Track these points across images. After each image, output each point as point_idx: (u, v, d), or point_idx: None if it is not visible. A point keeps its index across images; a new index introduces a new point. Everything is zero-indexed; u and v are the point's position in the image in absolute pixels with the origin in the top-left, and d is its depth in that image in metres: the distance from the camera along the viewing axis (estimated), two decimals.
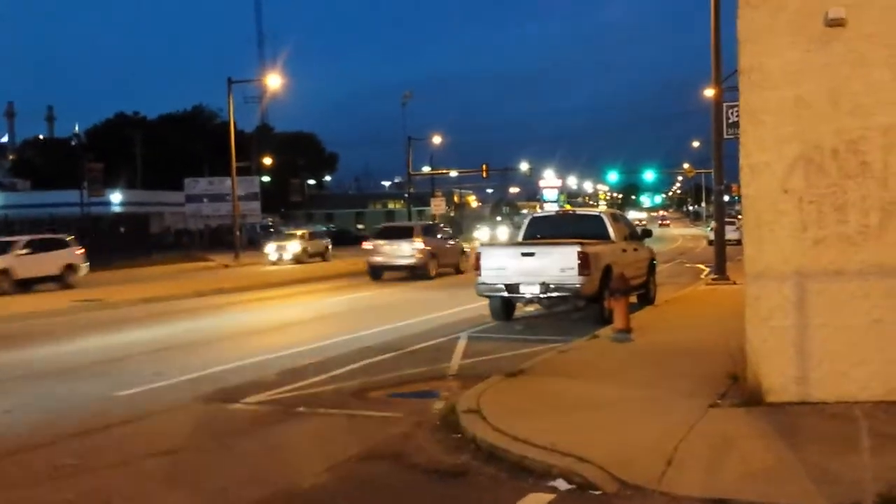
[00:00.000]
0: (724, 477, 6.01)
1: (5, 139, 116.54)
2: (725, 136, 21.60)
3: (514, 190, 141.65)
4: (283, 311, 20.32)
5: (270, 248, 43.27)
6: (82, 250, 29.68)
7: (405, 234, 29.61)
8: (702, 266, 31.79)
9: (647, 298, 18.23)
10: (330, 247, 46.00)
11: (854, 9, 7.57)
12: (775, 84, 7.75)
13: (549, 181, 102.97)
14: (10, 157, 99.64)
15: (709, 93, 25.87)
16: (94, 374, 11.85)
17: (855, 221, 7.59)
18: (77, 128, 69.46)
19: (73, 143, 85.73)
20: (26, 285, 26.87)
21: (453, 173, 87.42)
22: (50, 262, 27.84)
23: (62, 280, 28.00)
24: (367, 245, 30.29)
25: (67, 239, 29.96)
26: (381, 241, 29.49)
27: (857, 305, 7.59)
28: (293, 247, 42.48)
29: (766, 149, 7.77)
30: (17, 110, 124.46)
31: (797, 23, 7.70)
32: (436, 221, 53.70)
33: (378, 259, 29.26)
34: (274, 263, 41.22)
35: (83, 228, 43.68)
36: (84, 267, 29.30)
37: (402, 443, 7.71)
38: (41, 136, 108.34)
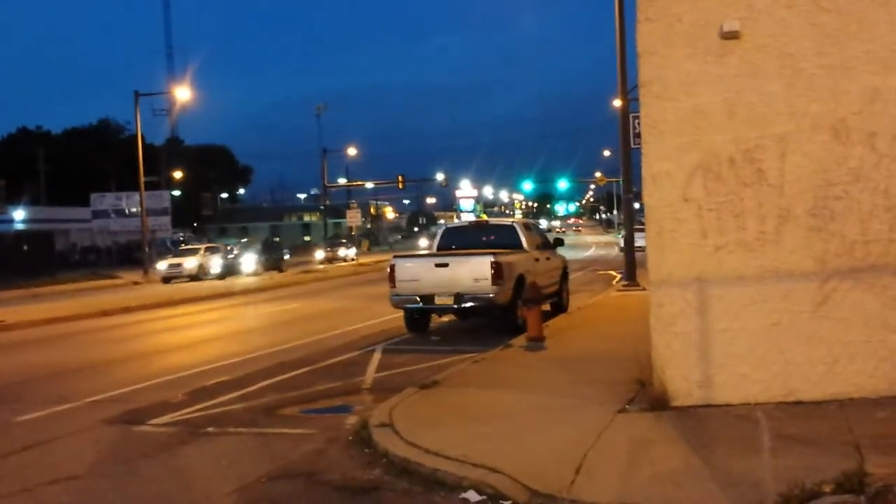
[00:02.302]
0: (631, 482, 6.10)
1: None
2: (633, 146, 22.06)
3: (430, 200, 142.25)
4: (195, 329, 19.88)
5: (162, 266, 40.56)
6: None
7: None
8: (613, 273, 32.40)
9: (560, 306, 18.46)
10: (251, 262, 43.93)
11: (748, 21, 7.82)
12: (674, 95, 7.94)
13: (466, 191, 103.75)
14: None
15: (617, 103, 26.43)
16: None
17: (753, 228, 7.82)
18: None
19: None
20: None
21: (369, 185, 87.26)
22: None
23: None
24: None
25: None
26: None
27: (756, 309, 7.82)
28: (190, 263, 40.31)
29: (667, 158, 7.95)
30: None
31: (693, 35, 7.91)
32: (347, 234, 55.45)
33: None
34: (166, 282, 39.05)
35: None
36: None
37: (315, 460, 7.61)
38: None
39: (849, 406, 7.51)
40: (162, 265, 40.87)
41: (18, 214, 64.68)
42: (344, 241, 63.76)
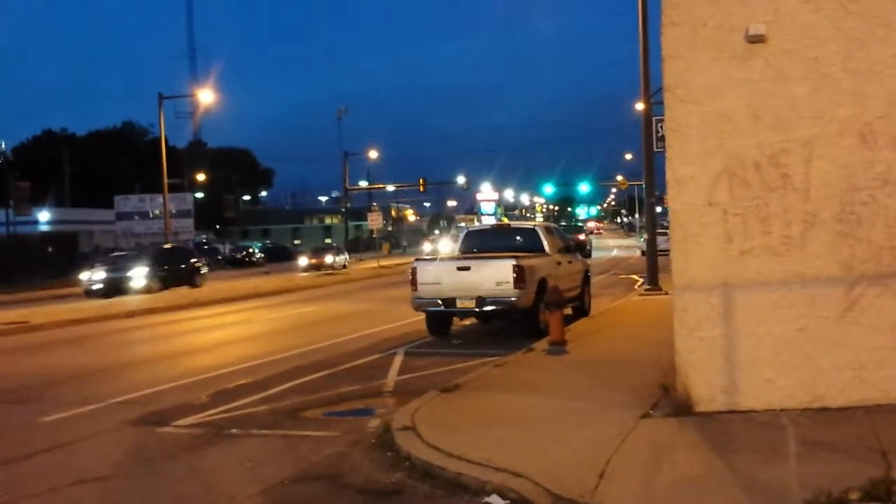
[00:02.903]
0: (654, 488, 6.07)
1: None
2: (655, 150, 21.98)
3: (451, 203, 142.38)
4: (218, 330, 19.99)
5: (85, 277, 33.43)
6: None
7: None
8: (635, 277, 32.26)
9: (581, 310, 18.41)
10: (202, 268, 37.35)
11: (774, 25, 7.77)
12: (698, 99, 7.90)
13: (486, 194, 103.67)
14: None
15: (639, 106, 26.34)
16: (18, 400, 11.48)
17: (778, 233, 7.77)
18: (3, 146, 67.70)
19: None
20: None
21: (390, 188, 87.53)
22: None
23: None
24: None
25: None
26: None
27: (781, 314, 7.76)
28: (140, 274, 32.64)
29: (691, 163, 7.92)
30: None
31: (718, 39, 7.87)
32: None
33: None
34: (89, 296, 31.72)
35: (5, 248, 42.44)
36: None
37: (337, 463, 7.64)
38: None
39: (876, 412, 7.45)
40: (85, 276, 33.89)
41: (43, 216, 65.42)
42: (334, 246, 58.97)
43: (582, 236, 52.86)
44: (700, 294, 7.87)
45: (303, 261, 51.80)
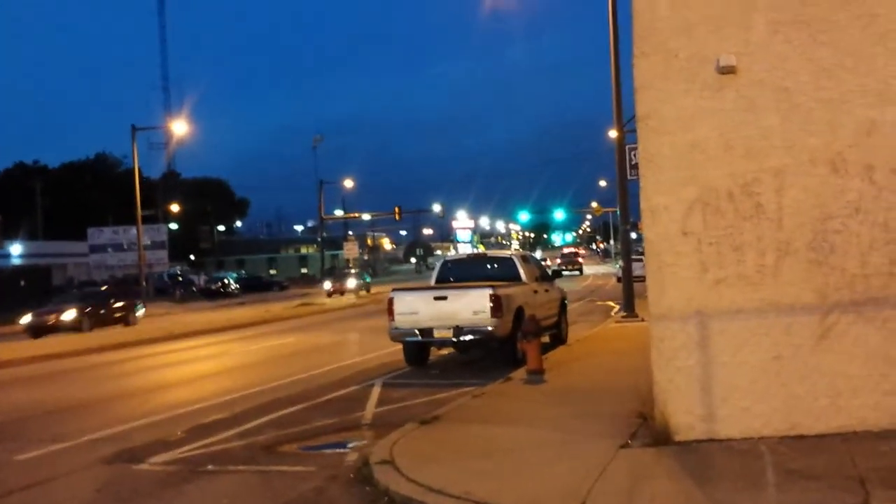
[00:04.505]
0: None
1: None
2: (629, 177, 22.13)
3: (427, 231, 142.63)
4: (192, 364, 19.78)
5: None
6: None
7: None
8: (612, 303, 32.37)
9: (559, 338, 18.41)
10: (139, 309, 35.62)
11: (744, 56, 7.87)
12: (671, 129, 7.98)
13: (462, 222, 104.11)
14: None
15: (613, 134, 26.57)
16: None
17: (752, 261, 7.83)
18: None
19: None
20: None
21: (366, 216, 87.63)
22: None
23: None
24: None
25: None
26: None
27: (757, 343, 7.80)
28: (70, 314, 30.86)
29: (665, 192, 7.98)
30: None
31: (690, 70, 7.97)
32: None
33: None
34: None
35: None
36: None
37: (315, 499, 7.56)
38: None
39: (852, 440, 7.48)
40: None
41: (16, 249, 64.74)
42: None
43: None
44: (676, 323, 7.90)
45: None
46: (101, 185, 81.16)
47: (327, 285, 54.40)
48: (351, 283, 53.22)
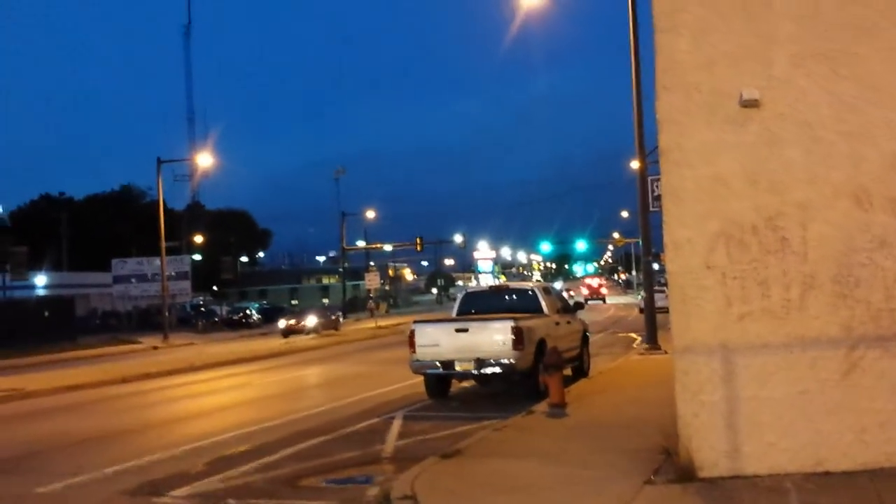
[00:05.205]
0: None
1: None
2: (651, 209, 22.09)
3: (449, 262, 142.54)
4: (214, 395, 19.82)
5: None
6: None
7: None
8: (634, 335, 32.15)
9: (581, 371, 18.30)
10: None
11: (767, 90, 7.87)
12: (693, 163, 7.96)
13: (484, 253, 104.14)
14: None
15: (635, 165, 26.55)
16: (10, 471, 11.30)
17: (777, 296, 7.76)
18: (0, 210, 68.22)
19: None
20: None
21: (388, 247, 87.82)
22: None
23: None
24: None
25: None
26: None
27: (783, 377, 7.72)
28: None
29: (688, 225, 7.94)
30: None
31: (712, 104, 7.96)
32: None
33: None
34: None
35: (1, 312, 42.30)
36: None
37: None
38: None
39: (880, 476, 7.36)
40: None
41: (40, 280, 65.33)
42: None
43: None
44: (701, 357, 7.83)
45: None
46: (125, 216, 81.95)
47: (281, 324, 44.65)
48: (311, 320, 44.35)
